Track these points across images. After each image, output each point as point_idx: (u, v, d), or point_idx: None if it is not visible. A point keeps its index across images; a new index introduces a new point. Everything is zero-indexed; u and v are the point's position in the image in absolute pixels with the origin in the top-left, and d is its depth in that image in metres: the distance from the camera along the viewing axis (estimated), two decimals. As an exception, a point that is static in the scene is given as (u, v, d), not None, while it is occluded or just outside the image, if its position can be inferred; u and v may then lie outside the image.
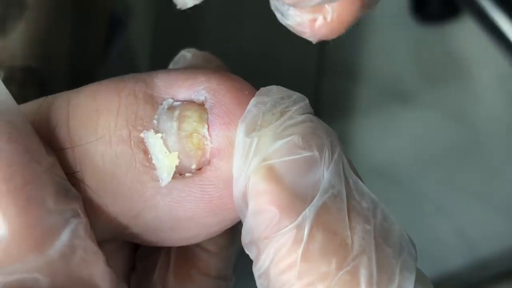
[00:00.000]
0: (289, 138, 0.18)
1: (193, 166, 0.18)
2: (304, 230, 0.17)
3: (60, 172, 0.18)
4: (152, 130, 0.18)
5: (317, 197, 0.17)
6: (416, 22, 0.66)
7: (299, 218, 0.17)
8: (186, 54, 0.23)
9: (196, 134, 0.18)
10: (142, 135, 0.18)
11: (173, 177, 0.18)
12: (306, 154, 0.18)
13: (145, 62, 0.62)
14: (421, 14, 0.66)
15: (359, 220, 0.18)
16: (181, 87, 0.19)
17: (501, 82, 0.65)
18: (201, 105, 0.19)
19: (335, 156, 0.18)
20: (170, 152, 0.18)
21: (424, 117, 0.66)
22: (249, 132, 0.18)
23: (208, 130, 0.18)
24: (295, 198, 0.17)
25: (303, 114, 0.19)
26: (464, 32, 0.66)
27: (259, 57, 0.65)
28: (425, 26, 0.66)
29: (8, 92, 0.18)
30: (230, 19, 0.64)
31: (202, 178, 0.18)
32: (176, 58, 0.23)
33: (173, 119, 0.18)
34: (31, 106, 0.19)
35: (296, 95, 0.19)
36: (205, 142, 0.18)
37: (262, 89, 0.19)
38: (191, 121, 0.18)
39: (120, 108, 0.18)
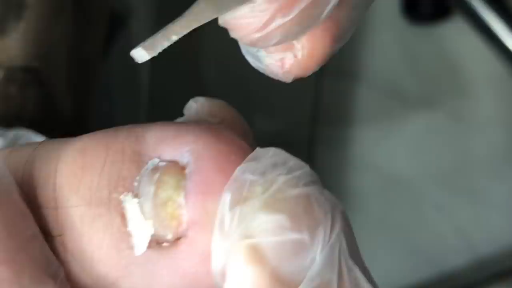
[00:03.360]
0: (275, 216, 0.16)
1: (169, 237, 0.17)
2: None
3: (40, 244, 0.17)
4: (130, 193, 0.17)
5: (301, 286, 0.16)
6: (407, 23, 0.66)
7: None
8: (192, 105, 0.21)
9: (171, 202, 0.17)
10: (121, 197, 0.17)
11: (150, 246, 0.17)
12: (294, 236, 0.16)
13: (145, 62, 0.62)
14: (412, 15, 0.66)
15: None
16: (169, 145, 0.17)
17: (493, 82, 0.65)
18: (183, 169, 0.17)
19: (333, 238, 0.16)
20: (145, 219, 0.17)
21: (422, 117, 0.66)
22: (232, 204, 0.16)
23: (185, 199, 0.17)
24: (279, 284, 0.16)
25: (299, 184, 0.16)
26: (456, 33, 0.66)
27: (259, 57, 0.65)
28: (417, 27, 0.66)
29: None
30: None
31: (176, 251, 0.17)
32: (187, 104, 0.21)
33: (152, 183, 0.17)
34: (19, 156, 0.18)
35: (293, 161, 0.17)
36: (181, 212, 0.17)
37: (255, 152, 0.17)
38: (167, 188, 0.17)
39: (105, 166, 0.17)
